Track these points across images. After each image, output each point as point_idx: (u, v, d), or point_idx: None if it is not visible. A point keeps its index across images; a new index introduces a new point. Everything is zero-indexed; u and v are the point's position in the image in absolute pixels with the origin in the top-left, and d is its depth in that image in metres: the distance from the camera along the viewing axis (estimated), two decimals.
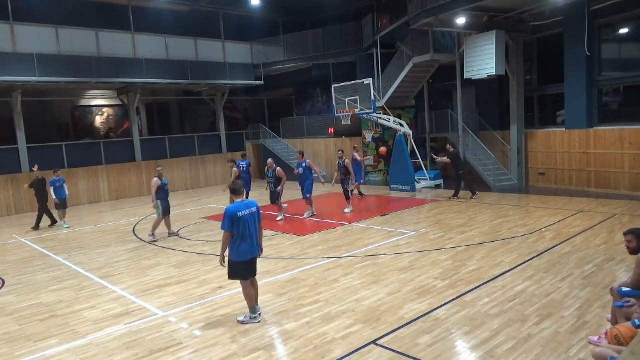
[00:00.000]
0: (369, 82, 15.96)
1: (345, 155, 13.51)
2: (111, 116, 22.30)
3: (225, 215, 5.56)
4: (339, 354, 4.85)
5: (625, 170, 13.22)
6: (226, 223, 5.55)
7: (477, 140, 16.51)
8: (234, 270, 5.75)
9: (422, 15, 13.68)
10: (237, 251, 5.65)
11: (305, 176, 12.35)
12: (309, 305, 6.26)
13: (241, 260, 5.67)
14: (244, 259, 5.68)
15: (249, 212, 5.67)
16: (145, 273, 8.27)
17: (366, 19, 20.04)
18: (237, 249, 5.64)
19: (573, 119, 14.43)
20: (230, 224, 5.55)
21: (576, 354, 4.56)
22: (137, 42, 18.77)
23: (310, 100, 25.34)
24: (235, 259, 5.69)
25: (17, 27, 16.04)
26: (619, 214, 10.71)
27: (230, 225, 5.54)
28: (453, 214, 11.70)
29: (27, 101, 17.60)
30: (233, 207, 5.62)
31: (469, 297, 6.17)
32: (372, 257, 8.34)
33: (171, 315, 6.23)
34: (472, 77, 14.70)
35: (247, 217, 5.65)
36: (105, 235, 11.91)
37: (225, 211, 5.60)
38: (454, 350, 4.84)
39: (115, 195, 18.77)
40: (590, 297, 5.95)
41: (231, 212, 5.55)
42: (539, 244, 8.57)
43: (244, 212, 5.62)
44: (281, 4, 22.17)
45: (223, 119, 22.98)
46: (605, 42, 14.16)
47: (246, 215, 5.64)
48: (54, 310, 6.65)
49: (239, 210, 5.60)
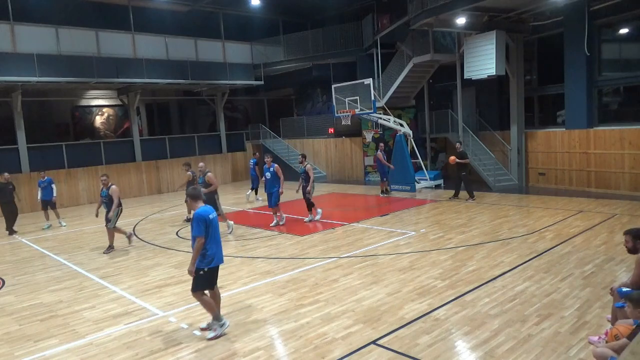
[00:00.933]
0: (369, 82, 15.97)
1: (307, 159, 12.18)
2: (111, 116, 22.30)
3: (197, 219, 5.28)
4: (339, 354, 4.85)
5: (625, 170, 13.22)
6: (201, 227, 5.26)
7: (477, 140, 16.50)
8: (204, 279, 5.41)
9: (422, 15, 13.69)
10: (208, 257, 5.36)
11: (273, 183, 11.32)
12: (309, 305, 6.26)
13: (212, 267, 5.41)
14: (215, 264, 5.44)
15: (214, 216, 5.47)
16: (145, 273, 8.27)
17: (366, 19, 20.06)
18: (209, 255, 5.35)
19: (573, 119, 14.43)
20: (204, 228, 5.29)
21: (576, 354, 4.56)
22: (137, 42, 18.77)
23: (310, 100, 25.36)
24: (206, 266, 5.36)
25: (17, 27, 16.04)
26: (619, 214, 10.71)
27: (204, 228, 5.29)
28: (453, 214, 11.70)
29: (27, 101, 17.61)
30: (203, 210, 5.37)
31: (469, 297, 6.17)
32: (372, 257, 8.34)
33: (171, 315, 6.23)
34: (472, 77, 14.70)
35: (215, 220, 5.45)
36: (105, 235, 11.86)
37: (195, 216, 5.32)
38: (453, 350, 4.84)
39: None
40: (590, 297, 5.95)
41: (203, 215, 5.31)
42: (538, 244, 8.57)
43: (212, 215, 5.43)
44: (281, 4, 22.18)
45: (223, 119, 22.97)
46: (605, 42, 14.16)
47: (214, 218, 5.45)
48: (53, 310, 6.65)
49: (208, 213, 5.39)
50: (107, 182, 9.94)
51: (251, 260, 8.70)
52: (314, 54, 21.50)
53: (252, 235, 10.76)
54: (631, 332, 3.92)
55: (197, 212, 5.36)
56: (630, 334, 3.91)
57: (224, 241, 10.26)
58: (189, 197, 5.65)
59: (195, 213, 5.36)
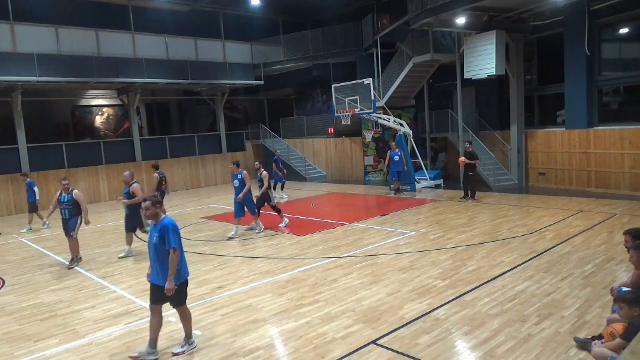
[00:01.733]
0: (369, 82, 15.97)
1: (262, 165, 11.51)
2: (111, 116, 22.31)
3: (171, 229, 4.90)
4: (339, 354, 4.85)
5: (625, 170, 13.22)
6: (177, 238, 4.93)
7: (477, 140, 16.50)
8: (183, 291, 5.11)
9: (423, 15, 13.68)
10: (181, 269, 5.05)
11: (242, 190, 10.42)
12: (309, 305, 6.26)
13: (184, 280, 5.12)
14: (187, 276, 5.17)
15: None
16: (145, 273, 8.24)
17: (366, 19, 20.06)
18: (181, 266, 5.05)
19: (573, 119, 14.43)
20: (180, 238, 4.98)
21: (576, 354, 4.56)
22: (137, 42, 18.77)
23: (310, 100, 25.36)
24: (182, 279, 5.07)
25: (17, 27, 16.05)
26: (619, 214, 10.71)
27: (180, 239, 4.97)
28: (453, 214, 11.70)
29: (27, 101, 17.60)
30: (170, 219, 5.04)
31: (469, 297, 6.17)
32: (372, 257, 8.34)
33: (171, 315, 6.22)
34: (472, 77, 14.69)
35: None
36: (105, 235, 11.90)
37: (168, 226, 4.92)
38: (454, 350, 4.84)
39: (115, 195, 18.72)
40: (591, 297, 5.95)
41: (176, 225, 4.99)
42: (539, 244, 8.57)
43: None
44: (281, 4, 22.18)
45: (223, 119, 22.98)
46: (606, 42, 14.16)
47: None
48: (54, 310, 6.65)
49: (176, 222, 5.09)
50: (69, 187, 8.95)
51: (251, 260, 8.70)
52: (314, 54, 21.51)
53: (253, 235, 10.76)
54: (625, 331, 3.91)
55: (169, 221, 4.99)
56: (625, 332, 3.91)
57: (223, 241, 10.31)
58: (157, 204, 5.06)
59: (168, 222, 4.96)
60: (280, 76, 23.63)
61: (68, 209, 8.86)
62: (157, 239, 4.94)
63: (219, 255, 9.23)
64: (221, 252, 9.42)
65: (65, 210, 8.87)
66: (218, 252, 9.44)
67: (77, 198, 8.85)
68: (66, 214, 8.87)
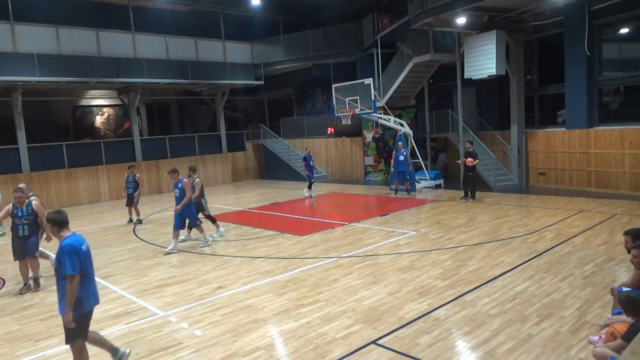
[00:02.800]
0: (369, 82, 15.97)
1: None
2: (111, 116, 22.31)
3: (66, 252, 4.14)
4: (339, 354, 4.85)
5: (625, 170, 13.22)
6: (74, 262, 4.14)
7: (478, 140, 16.49)
8: (79, 326, 4.30)
9: (423, 15, 13.68)
10: (82, 299, 4.27)
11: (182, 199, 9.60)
12: (309, 305, 6.26)
13: (87, 311, 4.37)
14: (89, 308, 4.40)
15: (86, 247, 4.40)
16: (145, 273, 8.27)
17: (366, 19, 20.05)
18: (83, 296, 4.27)
19: (573, 119, 14.43)
20: (78, 263, 4.17)
21: (576, 354, 4.56)
22: (137, 42, 18.77)
23: (310, 100, 25.36)
24: (80, 312, 4.27)
25: (17, 27, 16.04)
26: (619, 214, 10.70)
27: (78, 264, 4.17)
28: (453, 214, 11.70)
29: (27, 101, 17.60)
30: (71, 240, 4.26)
31: (469, 297, 6.17)
32: (372, 257, 8.34)
33: (171, 315, 6.23)
34: (473, 77, 14.69)
35: (87, 251, 4.38)
36: (105, 235, 11.90)
37: (62, 248, 4.18)
38: (454, 350, 4.84)
39: (115, 195, 18.74)
40: (591, 297, 5.95)
41: (74, 247, 4.20)
42: (539, 244, 8.57)
43: (84, 246, 4.34)
44: (281, 4, 22.17)
45: (223, 119, 22.97)
46: (606, 42, 14.16)
47: (86, 249, 4.38)
48: (54, 310, 6.63)
49: (80, 243, 4.30)
50: (23, 198, 7.35)
51: (251, 260, 8.70)
52: (314, 54, 21.50)
53: (253, 235, 10.76)
54: (627, 331, 3.92)
55: (66, 242, 4.22)
56: (626, 333, 3.91)
57: (223, 241, 10.31)
58: (50, 223, 4.36)
59: (63, 244, 4.21)
60: (280, 76, 23.62)
61: (27, 225, 7.39)
62: (57, 262, 4.27)
63: (219, 255, 9.23)
64: (221, 252, 9.43)
65: (23, 227, 7.36)
66: (218, 252, 9.44)
67: (37, 210, 7.44)
68: (24, 231, 7.37)
